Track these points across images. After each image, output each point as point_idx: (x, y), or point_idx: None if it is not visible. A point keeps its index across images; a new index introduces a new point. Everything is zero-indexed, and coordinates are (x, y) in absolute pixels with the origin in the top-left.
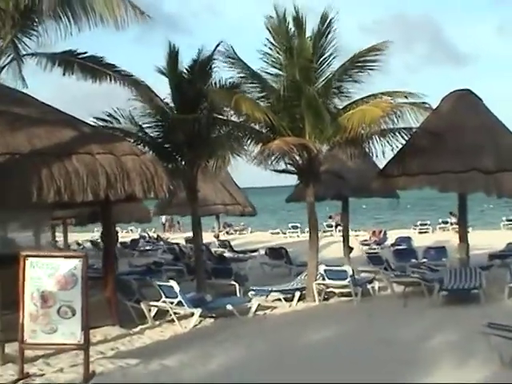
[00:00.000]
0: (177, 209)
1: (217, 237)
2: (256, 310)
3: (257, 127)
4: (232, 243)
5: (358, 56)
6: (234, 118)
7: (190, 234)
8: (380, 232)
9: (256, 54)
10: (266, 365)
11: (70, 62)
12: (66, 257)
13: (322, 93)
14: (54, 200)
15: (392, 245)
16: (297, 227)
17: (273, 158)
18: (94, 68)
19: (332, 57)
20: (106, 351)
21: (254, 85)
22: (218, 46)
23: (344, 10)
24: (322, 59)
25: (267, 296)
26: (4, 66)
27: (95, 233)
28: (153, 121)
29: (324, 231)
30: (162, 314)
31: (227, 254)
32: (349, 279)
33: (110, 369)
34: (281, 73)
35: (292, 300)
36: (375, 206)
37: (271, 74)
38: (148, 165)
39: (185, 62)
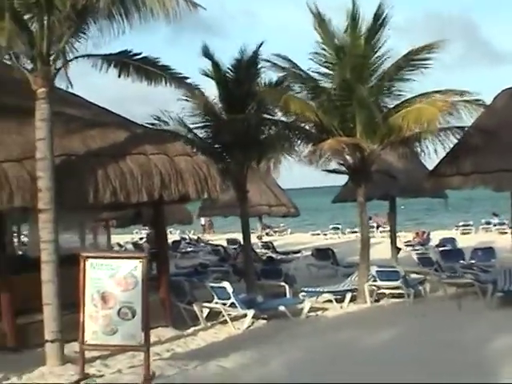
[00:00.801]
0: (219, 210)
1: (260, 238)
2: (308, 311)
3: (307, 127)
4: None
5: (412, 54)
6: (282, 118)
7: (228, 236)
8: (424, 233)
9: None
10: (327, 367)
11: (125, 63)
12: (126, 258)
13: (374, 92)
14: (110, 201)
15: (436, 246)
16: (337, 228)
17: (324, 157)
18: (149, 70)
19: (385, 55)
20: (161, 352)
21: (303, 84)
22: (261, 44)
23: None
24: (374, 57)
25: (317, 297)
26: (59, 69)
27: (135, 234)
28: (202, 121)
29: None
30: (213, 316)
31: (270, 255)
32: (401, 280)
33: (168, 370)
34: (331, 72)
35: (343, 301)
36: (411, 208)
37: (321, 74)
38: (201, 165)
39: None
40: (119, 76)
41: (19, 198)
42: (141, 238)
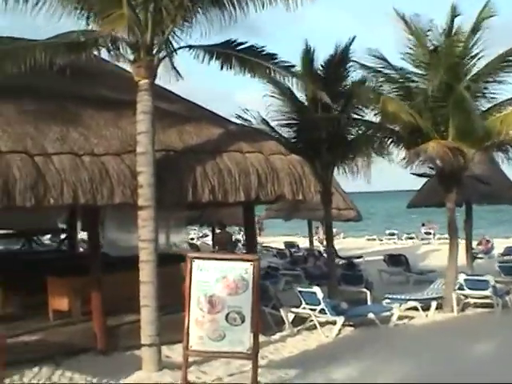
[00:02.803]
0: (282, 213)
1: (321, 242)
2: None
3: (397, 129)
4: None
5: (506, 55)
6: (372, 119)
7: (277, 239)
8: (487, 241)
9: None
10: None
11: (228, 55)
12: (236, 260)
13: (469, 93)
14: (208, 200)
15: (502, 254)
16: (394, 234)
17: (419, 161)
18: (253, 61)
19: (480, 56)
20: None
21: (397, 84)
22: (352, 41)
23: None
24: (470, 58)
25: (401, 305)
26: (162, 59)
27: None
28: (287, 119)
29: (422, 239)
30: (297, 321)
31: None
32: (490, 289)
33: (270, 379)
34: (426, 73)
35: (428, 309)
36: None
37: (415, 74)
38: (295, 165)
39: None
40: (221, 68)
41: (120, 194)
42: (191, 238)
